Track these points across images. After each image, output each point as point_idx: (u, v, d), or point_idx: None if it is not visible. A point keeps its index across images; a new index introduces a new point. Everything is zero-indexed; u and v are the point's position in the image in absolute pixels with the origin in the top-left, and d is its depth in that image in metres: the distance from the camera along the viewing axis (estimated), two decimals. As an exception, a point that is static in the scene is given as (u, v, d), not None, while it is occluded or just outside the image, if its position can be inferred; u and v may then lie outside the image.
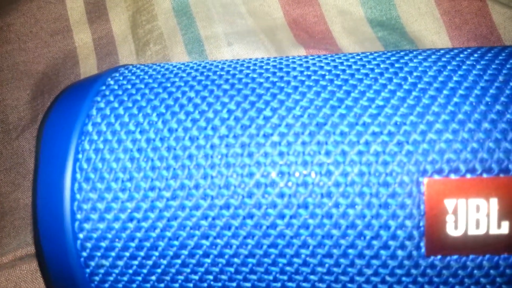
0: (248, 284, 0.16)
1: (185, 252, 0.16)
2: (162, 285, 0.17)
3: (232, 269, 0.16)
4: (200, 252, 0.16)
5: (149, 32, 0.29)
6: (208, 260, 0.16)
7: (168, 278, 0.17)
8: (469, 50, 0.18)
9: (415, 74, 0.17)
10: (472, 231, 0.15)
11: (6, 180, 0.27)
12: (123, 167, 0.16)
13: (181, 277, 0.17)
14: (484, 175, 0.15)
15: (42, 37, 0.31)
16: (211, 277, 0.16)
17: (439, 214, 0.15)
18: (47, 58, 0.30)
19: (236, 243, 0.16)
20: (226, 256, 0.16)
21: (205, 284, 0.17)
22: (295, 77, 0.18)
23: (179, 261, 0.16)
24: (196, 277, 0.17)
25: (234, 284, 0.17)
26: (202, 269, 0.16)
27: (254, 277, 0.16)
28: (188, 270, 0.16)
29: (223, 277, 0.16)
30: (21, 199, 0.27)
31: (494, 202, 0.15)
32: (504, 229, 0.15)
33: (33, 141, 0.29)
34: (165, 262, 0.16)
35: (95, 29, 0.30)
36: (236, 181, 0.16)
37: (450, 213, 0.15)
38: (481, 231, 0.15)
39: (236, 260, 0.16)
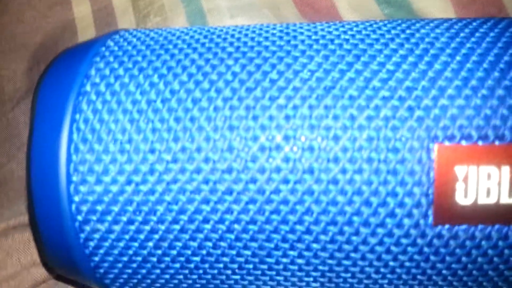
0: (249, 252, 0.16)
1: (185, 217, 0.16)
2: (159, 251, 0.16)
3: (232, 236, 0.16)
4: (200, 217, 0.16)
5: (150, 4, 0.28)
6: (208, 226, 0.16)
7: (166, 244, 0.16)
8: (481, 19, 0.18)
9: (427, 40, 0.16)
10: (482, 200, 0.14)
11: (1, 152, 0.27)
12: (122, 128, 0.16)
13: (179, 244, 0.16)
14: (497, 143, 0.14)
15: (41, 8, 0.30)
16: (210, 244, 0.16)
17: (448, 182, 0.14)
18: (45, 30, 0.29)
19: (238, 208, 0.15)
20: (227, 222, 0.16)
21: (204, 251, 0.16)
22: (302, 41, 0.17)
23: (178, 226, 0.16)
24: (195, 244, 0.16)
25: (234, 252, 0.16)
26: (202, 236, 0.16)
27: (255, 244, 0.16)
28: (187, 236, 0.16)
29: (223, 244, 0.16)
30: (15, 171, 0.26)
31: (506, 170, 0.14)
32: (516, 198, 0.14)
33: (28, 113, 0.28)
34: (163, 227, 0.16)
35: (94, 1, 0.29)
36: (240, 144, 0.15)
37: (460, 180, 0.14)
38: (492, 200, 0.14)
39: (236, 226, 0.16)
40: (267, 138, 0.15)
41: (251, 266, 0.16)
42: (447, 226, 0.15)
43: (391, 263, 0.16)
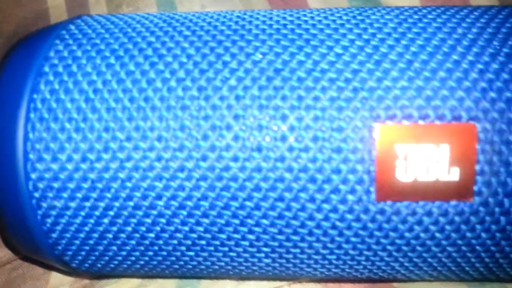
0: (201, 228, 0.16)
1: (138, 194, 0.16)
2: (114, 228, 0.17)
3: (184, 212, 0.16)
4: (153, 194, 0.16)
5: (123, -7, 0.28)
6: (161, 203, 0.16)
7: (120, 221, 0.17)
8: (432, 7, 0.18)
9: (375, 25, 0.17)
10: (422, 177, 0.15)
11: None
12: (78, 108, 0.16)
13: (134, 220, 0.16)
14: (436, 122, 0.15)
15: (15, -3, 0.30)
16: (164, 220, 0.16)
17: (389, 159, 0.15)
18: (19, 18, 0.30)
19: (189, 185, 0.16)
20: (179, 199, 0.16)
21: (158, 228, 0.17)
22: (257, 25, 0.17)
23: (131, 203, 0.16)
24: (149, 220, 0.16)
25: (187, 228, 0.16)
26: (155, 212, 0.16)
27: (206, 220, 0.16)
28: (141, 213, 0.16)
29: (176, 220, 0.16)
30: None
31: (445, 148, 0.15)
32: (454, 175, 0.15)
33: None
34: (117, 204, 0.16)
35: (68, -10, 0.29)
36: (192, 123, 0.16)
37: (400, 158, 0.15)
38: (431, 177, 0.15)
39: (189, 203, 0.16)
40: (218, 117, 0.16)
41: (204, 242, 0.17)
42: (389, 202, 0.15)
43: (337, 239, 0.16)
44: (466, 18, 0.17)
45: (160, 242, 0.17)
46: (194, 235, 0.17)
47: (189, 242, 0.17)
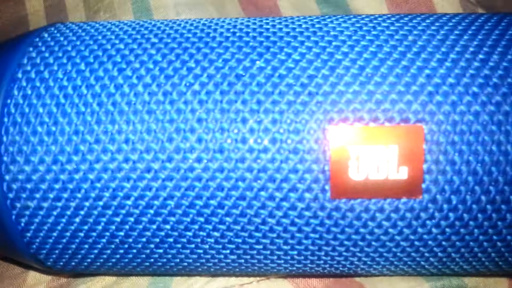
0: (168, 226, 0.17)
1: (107, 194, 0.17)
2: (85, 227, 0.17)
3: (152, 211, 0.17)
4: (121, 194, 0.17)
5: (100, 0, 0.29)
6: (129, 202, 0.17)
7: (91, 220, 0.17)
8: (389, 15, 0.19)
9: (332, 33, 0.18)
10: (373, 176, 0.16)
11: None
12: (49, 112, 0.17)
13: (104, 219, 0.17)
14: (386, 124, 0.16)
15: (-5, 4, 0.31)
16: (132, 219, 0.17)
17: (342, 160, 0.16)
18: (-1, 25, 0.30)
19: (156, 185, 0.17)
20: (146, 199, 0.17)
21: (127, 226, 0.17)
22: (221, 33, 0.18)
23: (101, 203, 0.17)
24: (118, 219, 0.17)
25: (154, 226, 0.17)
26: (124, 211, 0.17)
27: (173, 219, 0.17)
28: (110, 212, 0.17)
29: (144, 219, 0.17)
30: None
31: (394, 148, 0.16)
32: (403, 174, 0.16)
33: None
34: (88, 204, 0.17)
35: (47, -3, 0.30)
36: (157, 127, 0.17)
37: (353, 158, 0.16)
38: (381, 176, 0.16)
39: (155, 202, 0.17)
40: (182, 120, 0.17)
41: (171, 240, 0.18)
42: (343, 199, 0.16)
43: (297, 235, 0.17)
44: (417, 25, 0.18)
45: (130, 240, 0.18)
46: (162, 233, 0.18)
47: (157, 240, 0.18)
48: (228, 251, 0.18)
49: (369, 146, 0.16)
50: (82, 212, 0.17)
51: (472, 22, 0.18)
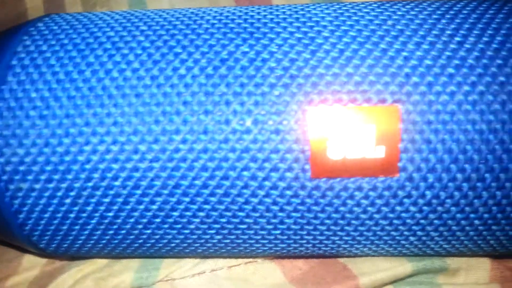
0: (155, 207, 0.18)
1: (96, 175, 0.18)
2: (76, 208, 0.18)
3: (139, 191, 0.18)
4: (110, 175, 0.17)
5: (97, -6, 0.30)
6: (117, 183, 0.18)
7: (81, 201, 0.18)
8: (371, 2, 0.20)
9: (314, 19, 0.19)
10: (351, 155, 0.17)
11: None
12: (41, 97, 0.18)
13: (94, 200, 0.18)
14: (364, 105, 0.17)
15: (-5, 0, 0.32)
16: (120, 199, 0.18)
17: (321, 140, 0.17)
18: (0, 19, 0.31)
19: (143, 166, 0.17)
20: (134, 180, 0.17)
21: (116, 207, 0.18)
22: (207, 20, 0.19)
23: (90, 184, 0.18)
24: (107, 200, 0.18)
25: (142, 207, 0.18)
26: (112, 192, 0.18)
27: (160, 199, 0.18)
28: (99, 193, 0.18)
29: (132, 199, 0.18)
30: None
31: (371, 128, 0.17)
32: (380, 153, 0.17)
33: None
34: (78, 185, 0.18)
35: (45, -8, 0.31)
36: (144, 109, 0.17)
37: (331, 138, 0.17)
38: (359, 155, 0.17)
39: (143, 183, 0.18)
40: (168, 103, 0.17)
41: (158, 220, 0.18)
42: (323, 179, 0.17)
43: (279, 214, 0.18)
44: (397, 11, 0.19)
45: (119, 221, 0.18)
46: (149, 213, 0.18)
47: (145, 220, 0.18)
48: (213, 231, 0.19)
49: (347, 126, 0.17)
50: (72, 193, 0.18)
51: (451, 7, 0.19)
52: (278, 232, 0.18)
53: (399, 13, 0.19)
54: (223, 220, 0.18)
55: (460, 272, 0.21)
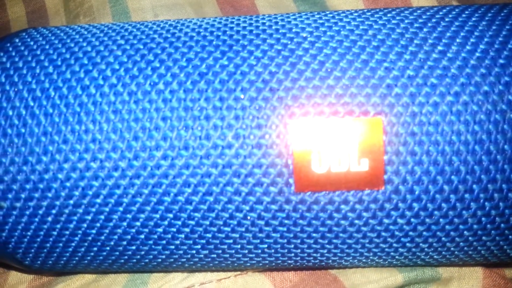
0: (138, 223, 0.18)
1: (77, 193, 0.17)
2: (58, 225, 0.18)
3: (121, 209, 0.17)
4: (91, 192, 0.17)
5: (80, 5, 0.29)
6: (98, 200, 0.17)
7: (63, 219, 0.18)
8: (352, 11, 0.20)
9: (294, 30, 0.18)
10: (335, 168, 0.16)
11: None
12: (18, 114, 0.17)
13: (75, 218, 0.18)
14: (346, 117, 0.16)
15: (-22, 11, 0.31)
16: (102, 217, 0.18)
17: (305, 153, 0.16)
18: (-18, 31, 0.31)
19: (124, 183, 0.17)
20: (115, 197, 0.17)
21: (98, 224, 0.18)
22: (186, 33, 0.19)
23: (72, 201, 0.17)
24: (89, 217, 0.18)
25: (125, 224, 0.18)
26: (94, 210, 0.17)
27: (143, 216, 0.17)
28: (81, 210, 0.17)
29: (114, 216, 0.17)
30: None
31: (354, 141, 0.16)
32: (364, 166, 0.16)
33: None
34: (59, 203, 0.17)
35: (28, 3, 0.31)
36: (123, 125, 0.17)
37: (315, 152, 0.16)
38: (343, 168, 0.16)
39: (124, 200, 0.17)
40: (147, 119, 0.17)
41: (142, 236, 0.18)
42: (308, 192, 0.17)
43: (265, 228, 0.17)
44: (378, 20, 0.18)
45: (102, 237, 0.18)
46: (133, 230, 0.18)
47: (128, 237, 0.18)
48: (199, 246, 0.18)
49: (330, 139, 0.16)
50: (53, 211, 0.18)
51: (432, 15, 0.18)
52: (265, 246, 0.18)
53: (380, 22, 0.18)
54: (209, 235, 0.18)
55: (453, 281, 0.21)
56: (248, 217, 0.17)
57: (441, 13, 0.19)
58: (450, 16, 0.18)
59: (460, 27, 0.18)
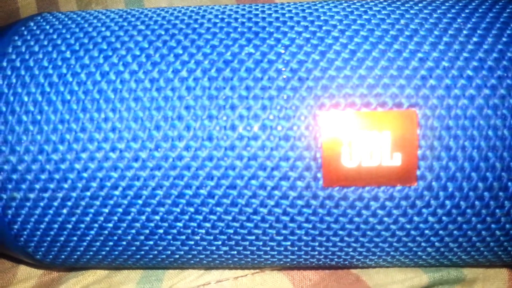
0: (157, 217, 0.17)
1: (94, 184, 0.16)
2: (73, 218, 0.17)
3: (140, 202, 0.17)
4: (109, 184, 0.16)
5: (92, -8, 0.29)
6: (117, 193, 0.17)
7: (79, 211, 0.17)
8: (376, 0, 0.19)
9: (322, 18, 0.17)
10: (366, 163, 0.16)
11: None
12: (34, 101, 0.17)
13: (92, 210, 0.17)
14: (378, 109, 0.16)
15: (-13, -2, 0.31)
16: (120, 210, 0.17)
17: (334, 146, 0.16)
18: (-9, 18, 0.30)
19: (144, 175, 0.16)
20: (134, 189, 0.16)
21: (116, 218, 0.17)
22: (209, 19, 0.18)
23: (88, 193, 0.17)
24: (106, 210, 0.17)
25: (143, 217, 0.17)
26: (112, 202, 0.17)
27: (162, 209, 0.17)
28: (98, 203, 0.17)
29: (132, 209, 0.17)
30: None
31: (387, 134, 0.16)
32: (396, 160, 0.16)
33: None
34: (75, 194, 0.17)
35: (38, -11, 0.30)
36: (144, 114, 0.16)
37: (345, 145, 0.16)
38: (375, 162, 0.16)
39: (144, 192, 0.16)
40: (169, 108, 0.16)
41: (161, 231, 0.17)
42: (336, 187, 0.16)
43: (290, 224, 0.17)
44: (410, 9, 0.18)
45: (119, 232, 0.17)
46: (152, 224, 0.17)
47: (147, 231, 0.17)
48: (220, 242, 0.18)
49: (362, 132, 0.16)
50: (69, 203, 0.17)
51: (466, 5, 0.18)
52: (288, 243, 0.17)
53: (412, 11, 0.18)
54: (230, 230, 0.17)
55: (477, 282, 0.20)
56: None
57: (474, 3, 0.18)
58: (483, 7, 0.18)
59: (495, 18, 0.17)
